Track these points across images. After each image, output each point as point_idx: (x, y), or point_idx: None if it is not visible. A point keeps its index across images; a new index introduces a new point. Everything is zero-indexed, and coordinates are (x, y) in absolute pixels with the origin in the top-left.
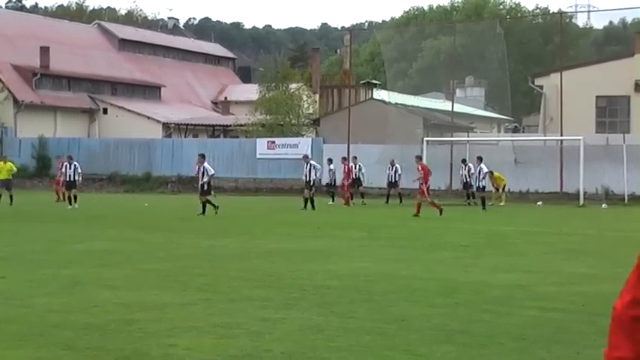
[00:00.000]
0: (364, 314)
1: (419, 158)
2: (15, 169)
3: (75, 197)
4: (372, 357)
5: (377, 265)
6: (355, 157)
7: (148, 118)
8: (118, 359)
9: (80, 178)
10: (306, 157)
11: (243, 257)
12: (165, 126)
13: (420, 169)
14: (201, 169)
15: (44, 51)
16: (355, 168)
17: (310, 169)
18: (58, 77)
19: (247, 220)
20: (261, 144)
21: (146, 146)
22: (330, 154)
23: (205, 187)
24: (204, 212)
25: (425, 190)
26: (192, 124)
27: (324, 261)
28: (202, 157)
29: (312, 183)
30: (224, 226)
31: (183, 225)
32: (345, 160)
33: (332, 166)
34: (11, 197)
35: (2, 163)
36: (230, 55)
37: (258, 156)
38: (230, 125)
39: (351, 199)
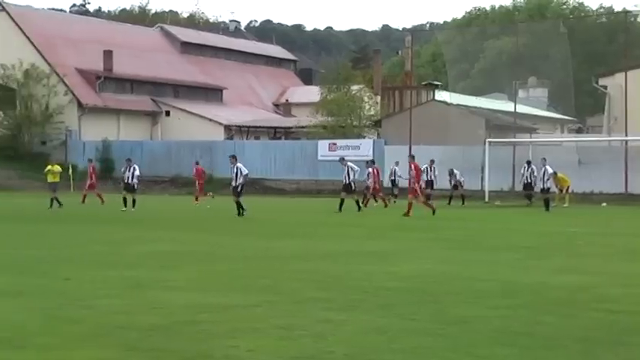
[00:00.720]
0: (426, 316)
1: (412, 157)
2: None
3: (134, 201)
4: (435, 359)
5: (438, 266)
6: (433, 161)
7: (210, 120)
8: None
9: (137, 181)
10: (342, 159)
11: (304, 259)
12: (227, 128)
13: (412, 168)
14: (235, 170)
15: (107, 55)
16: (431, 170)
17: (349, 171)
18: (121, 80)
19: (308, 222)
20: (323, 146)
21: (208, 148)
22: (391, 155)
23: (240, 188)
24: (240, 213)
25: (418, 189)
26: (253, 126)
27: (385, 262)
28: (234, 158)
29: (351, 185)
30: (285, 227)
31: (245, 227)
32: (373, 163)
33: (369, 169)
34: (55, 200)
35: (51, 166)
36: (291, 57)
37: (319, 158)
38: (291, 127)
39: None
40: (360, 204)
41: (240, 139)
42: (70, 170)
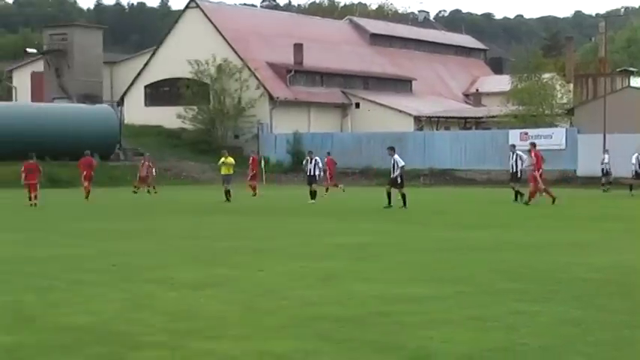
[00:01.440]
0: (623, 308)
1: (533, 145)
2: (233, 163)
3: (314, 192)
4: (635, 352)
5: (636, 257)
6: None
7: (400, 111)
8: (374, 351)
9: (321, 173)
10: (512, 146)
11: (496, 249)
12: (417, 119)
13: (533, 155)
14: (392, 162)
15: (298, 48)
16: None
17: (517, 160)
18: (311, 73)
19: (500, 212)
20: (514, 135)
21: (398, 139)
22: (585, 144)
23: (398, 179)
24: (405, 204)
25: (537, 176)
26: (443, 117)
27: (580, 253)
28: (392, 149)
29: (518, 175)
30: (477, 218)
31: (436, 218)
32: (534, 146)
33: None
34: (227, 193)
35: (225, 158)
36: (481, 46)
37: None
38: (482, 117)
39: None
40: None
41: (430, 130)
42: (263, 163)
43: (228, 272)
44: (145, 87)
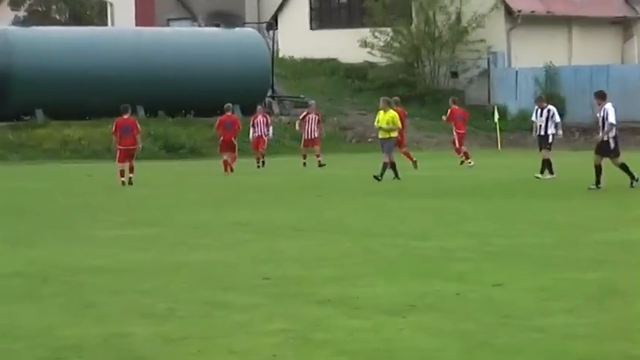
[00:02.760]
0: None
1: None
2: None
3: (547, 162)
4: None
5: None
6: None
7: None
8: None
9: (555, 129)
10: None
11: None
12: None
13: None
14: (602, 114)
15: None
16: None
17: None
18: None
19: None
20: None
21: None
22: None
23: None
24: (633, 182)
25: None
26: None
27: None
28: (601, 95)
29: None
30: None
31: None
32: None
33: None
34: (385, 166)
35: (383, 113)
36: None
37: None
38: None
39: None
40: None
41: None
42: (496, 116)
43: (444, 287)
44: (310, 1)
